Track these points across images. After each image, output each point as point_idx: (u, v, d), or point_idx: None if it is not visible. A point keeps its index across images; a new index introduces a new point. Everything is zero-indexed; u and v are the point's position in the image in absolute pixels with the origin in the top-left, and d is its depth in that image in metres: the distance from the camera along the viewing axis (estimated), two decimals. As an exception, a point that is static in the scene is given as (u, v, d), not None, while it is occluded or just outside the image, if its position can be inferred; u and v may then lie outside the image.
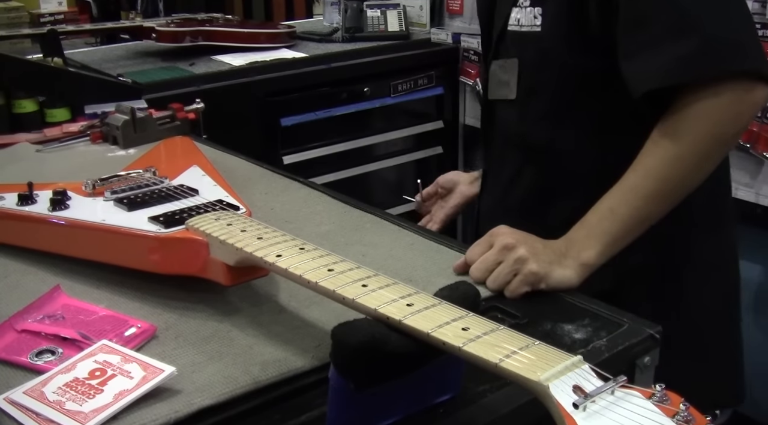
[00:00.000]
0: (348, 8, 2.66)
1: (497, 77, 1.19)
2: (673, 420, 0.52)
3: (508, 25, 1.15)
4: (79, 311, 0.85)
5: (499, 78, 1.19)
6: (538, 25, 1.11)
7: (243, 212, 0.91)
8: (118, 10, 3.06)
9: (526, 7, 1.12)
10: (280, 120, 2.34)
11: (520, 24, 1.13)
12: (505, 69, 1.17)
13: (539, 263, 0.91)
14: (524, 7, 1.12)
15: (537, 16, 1.11)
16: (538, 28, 1.11)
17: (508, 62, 1.17)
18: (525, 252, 0.91)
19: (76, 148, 1.39)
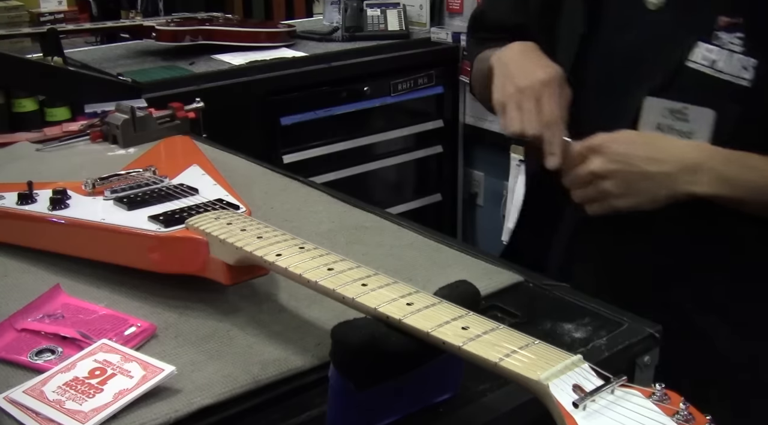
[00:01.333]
0: (348, 7, 2.66)
1: (665, 121, 0.98)
2: (673, 419, 0.52)
3: (690, 61, 0.95)
4: (79, 310, 0.85)
5: (668, 123, 0.97)
6: (748, 79, 0.91)
7: (243, 211, 0.91)
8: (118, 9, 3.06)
9: (728, 50, 0.92)
10: (280, 119, 2.34)
11: (716, 68, 0.93)
12: (685, 117, 0.96)
13: (627, 200, 0.91)
14: (726, 48, 0.92)
15: (748, 68, 0.91)
16: (746, 82, 0.92)
17: (693, 111, 0.96)
18: (613, 188, 0.90)
19: (75, 147, 1.39)
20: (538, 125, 0.99)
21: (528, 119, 0.99)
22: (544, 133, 0.98)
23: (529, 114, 0.99)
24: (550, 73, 1.02)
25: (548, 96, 0.99)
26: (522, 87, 1.00)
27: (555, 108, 0.99)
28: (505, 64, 1.06)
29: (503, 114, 1.02)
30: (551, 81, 1.00)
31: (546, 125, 0.98)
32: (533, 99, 0.99)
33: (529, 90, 1.00)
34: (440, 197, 2.90)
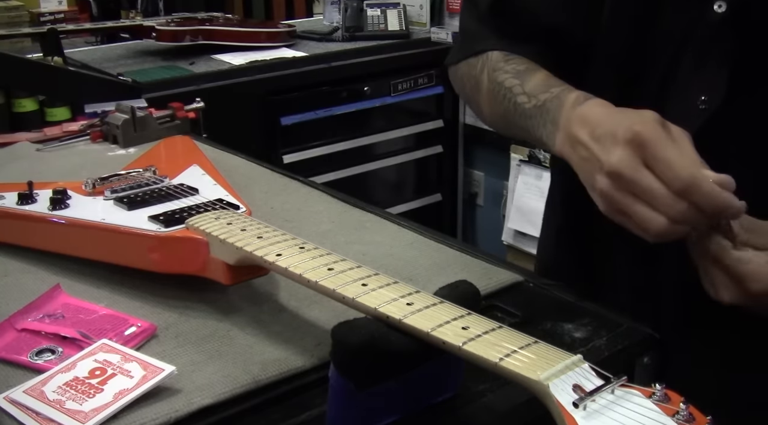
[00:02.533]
0: (348, 7, 2.66)
1: None
2: (673, 419, 0.52)
3: None
4: (79, 310, 0.85)
5: None
6: None
7: (243, 211, 0.91)
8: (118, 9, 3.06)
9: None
10: (280, 119, 2.35)
11: None
12: None
13: None
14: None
15: None
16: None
17: None
18: None
19: (76, 147, 1.39)
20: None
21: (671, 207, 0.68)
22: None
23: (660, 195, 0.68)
24: (647, 114, 0.73)
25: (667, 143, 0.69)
26: (615, 160, 0.70)
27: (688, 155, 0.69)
28: (591, 133, 0.75)
29: (624, 218, 0.72)
30: (655, 119, 0.71)
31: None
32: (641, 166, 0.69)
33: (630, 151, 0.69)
34: (440, 197, 2.90)
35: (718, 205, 0.67)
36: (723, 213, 0.67)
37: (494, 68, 0.95)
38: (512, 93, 0.90)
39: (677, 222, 0.67)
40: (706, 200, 0.66)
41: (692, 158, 0.68)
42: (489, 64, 0.96)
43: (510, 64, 0.93)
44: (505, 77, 0.92)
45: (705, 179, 0.66)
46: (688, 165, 0.67)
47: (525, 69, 0.91)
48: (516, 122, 0.91)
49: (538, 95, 0.87)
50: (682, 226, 0.67)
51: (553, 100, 0.84)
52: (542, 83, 0.88)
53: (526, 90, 0.89)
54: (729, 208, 0.67)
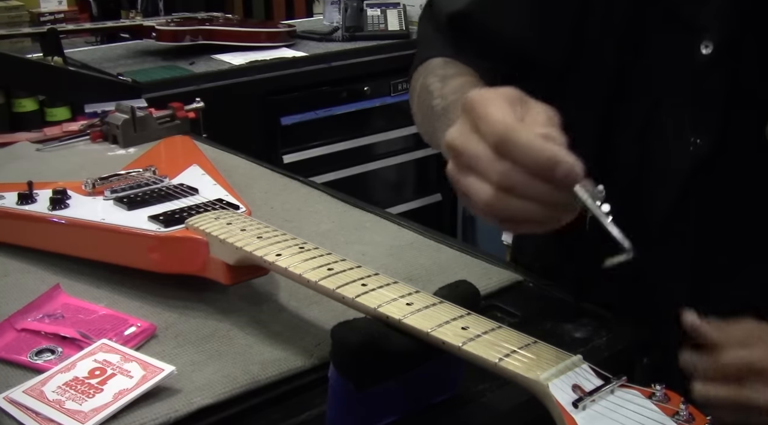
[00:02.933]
0: (348, 7, 2.66)
1: None
2: (673, 419, 0.52)
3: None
4: (79, 310, 0.85)
5: None
6: None
7: (243, 211, 0.91)
8: (118, 9, 3.06)
9: None
10: (280, 119, 2.34)
11: None
12: None
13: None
14: None
15: None
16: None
17: None
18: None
19: (76, 147, 1.39)
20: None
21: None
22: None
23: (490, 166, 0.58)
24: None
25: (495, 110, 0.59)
26: (450, 132, 0.62)
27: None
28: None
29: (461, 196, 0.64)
30: (499, 91, 0.62)
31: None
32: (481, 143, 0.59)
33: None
34: (440, 197, 2.90)
35: (539, 158, 0.54)
36: (552, 173, 0.54)
37: (428, 73, 0.89)
38: (432, 96, 0.84)
39: (504, 189, 0.55)
40: (524, 154, 0.54)
41: (511, 116, 0.57)
42: (426, 70, 0.90)
43: (443, 69, 0.88)
44: (432, 81, 0.86)
45: (521, 131, 0.55)
46: (504, 117, 0.56)
47: (453, 73, 0.85)
48: (430, 126, 0.84)
49: (448, 96, 0.81)
50: (516, 198, 0.55)
51: (457, 102, 0.75)
52: (458, 87, 0.82)
53: (444, 92, 0.83)
54: (556, 164, 0.54)
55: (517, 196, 0.56)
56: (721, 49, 0.75)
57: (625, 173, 0.83)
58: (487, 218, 0.58)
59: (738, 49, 0.75)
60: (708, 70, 0.77)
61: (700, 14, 0.76)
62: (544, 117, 0.59)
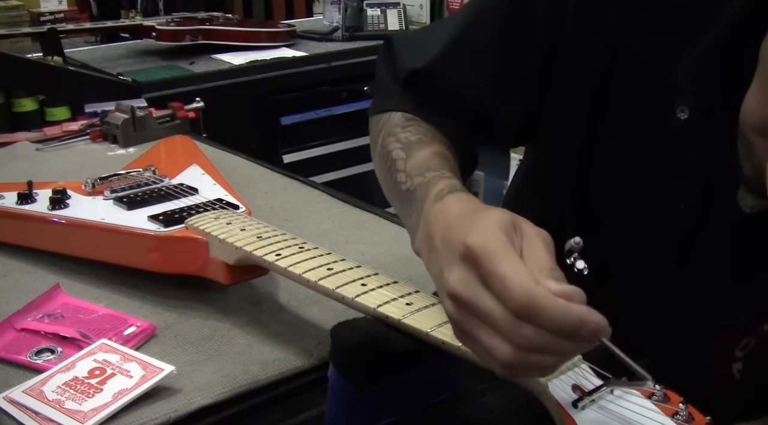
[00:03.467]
0: (348, 7, 2.66)
1: None
2: (672, 419, 0.52)
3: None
4: (79, 310, 0.85)
5: None
6: None
7: (242, 211, 0.91)
8: (118, 8, 3.06)
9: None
10: (280, 119, 2.34)
11: None
12: None
13: None
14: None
15: None
16: None
17: None
18: None
19: (75, 147, 1.39)
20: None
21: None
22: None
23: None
24: (488, 218, 0.59)
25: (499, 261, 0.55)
26: (451, 281, 0.57)
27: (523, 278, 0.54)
28: (440, 243, 0.62)
29: (471, 347, 0.58)
30: (495, 224, 0.58)
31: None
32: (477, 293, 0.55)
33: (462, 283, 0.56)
34: (440, 196, 2.90)
35: (567, 324, 0.52)
36: (579, 333, 0.52)
37: (389, 133, 0.85)
38: (395, 168, 0.80)
39: (526, 350, 0.53)
40: (551, 320, 0.52)
41: (530, 271, 0.54)
42: (387, 126, 0.86)
43: (405, 131, 0.84)
44: (394, 147, 0.82)
45: (544, 295, 0.52)
46: (523, 281, 0.53)
47: (416, 141, 0.81)
48: (395, 202, 0.81)
49: (413, 178, 0.76)
50: (538, 355, 0.53)
51: (422, 188, 0.73)
52: (422, 164, 0.78)
53: (407, 168, 0.78)
54: (583, 325, 0.52)
55: (539, 354, 0.54)
56: (698, 113, 0.71)
57: (612, 230, 0.81)
58: (501, 374, 0.56)
59: (714, 113, 0.71)
60: (685, 135, 0.73)
61: (674, 75, 0.72)
62: (543, 250, 0.57)
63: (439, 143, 0.81)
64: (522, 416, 0.69)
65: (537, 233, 0.58)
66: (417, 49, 0.89)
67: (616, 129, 0.78)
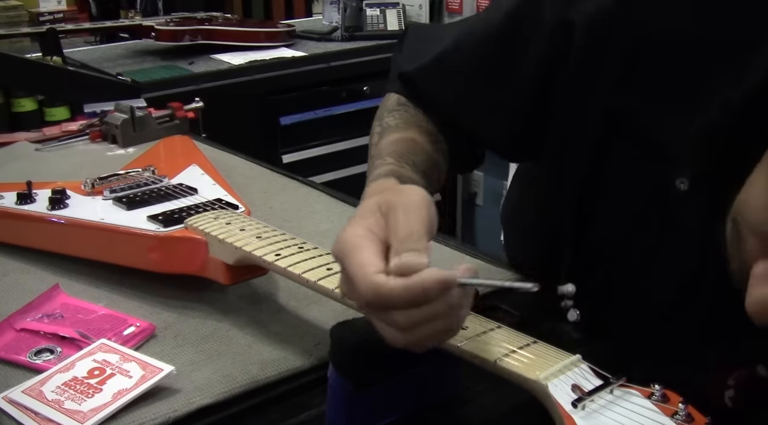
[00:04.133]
0: (347, 7, 2.66)
1: None
2: (672, 419, 0.52)
3: None
4: (78, 310, 0.85)
5: None
6: None
7: (242, 211, 0.91)
8: (118, 8, 3.06)
9: None
10: (280, 119, 2.34)
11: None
12: None
13: None
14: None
15: None
16: None
17: None
18: None
19: (75, 147, 1.39)
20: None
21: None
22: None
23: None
24: (357, 211, 0.63)
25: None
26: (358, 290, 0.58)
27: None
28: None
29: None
30: (358, 217, 0.61)
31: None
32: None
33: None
34: (439, 196, 2.90)
35: (414, 297, 0.54)
36: (431, 295, 0.54)
37: (379, 115, 0.89)
38: (371, 144, 0.84)
39: (409, 329, 0.55)
40: (399, 300, 0.54)
41: (372, 261, 0.56)
42: (381, 107, 0.90)
43: (390, 115, 0.87)
44: (376, 130, 0.86)
45: (381, 284, 0.54)
46: (362, 276, 0.55)
47: (394, 126, 0.84)
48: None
49: (374, 156, 0.80)
50: (425, 325, 0.55)
51: (369, 172, 0.78)
52: (387, 146, 0.81)
53: (373, 152, 0.82)
54: (428, 289, 0.54)
55: (425, 324, 0.56)
56: (697, 185, 0.71)
57: (606, 279, 0.81)
58: (413, 348, 0.59)
59: (713, 185, 0.70)
60: (683, 204, 0.72)
61: (674, 144, 0.71)
62: (402, 220, 0.59)
63: (414, 130, 0.84)
64: (522, 416, 0.69)
65: (399, 203, 0.60)
66: (418, 48, 0.91)
67: (616, 183, 0.78)
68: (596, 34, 0.76)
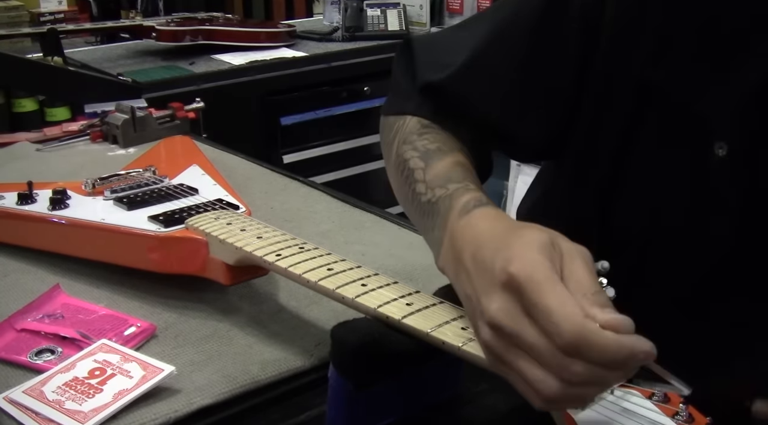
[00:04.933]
0: (348, 7, 2.66)
1: None
2: (672, 419, 0.52)
3: None
4: (79, 310, 0.85)
5: None
6: None
7: (242, 211, 0.91)
8: (118, 9, 3.06)
9: None
10: (280, 119, 2.34)
11: None
12: None
13: None
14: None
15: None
16: None
17: None
18: None
19: (75, 147, 1.39)
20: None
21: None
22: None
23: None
24: (527, 239, 0.57)
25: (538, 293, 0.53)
26: (493, 309, 0.54)
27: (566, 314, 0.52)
28: (470, 263, 0.60)
29: (511, 377, 0.56)
30: (536, 248, 0.56)
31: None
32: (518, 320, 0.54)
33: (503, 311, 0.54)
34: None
35: (618, 358, 0.50)
36: (628, 364, 0.51)
37: (405, 140, 0.81)
38: (413, 178, 0.76)
39: (574, 384, 0.51)
40: (601, 355, 0.50)
41: (575, 301, 0.52)
42: (402, 132, 0.82)
43: (422, 139, 0.80)
44: (412, 156, 0.78)
45: (593, 331, 0.50)
46: (570, 314, 0.51)
47: (435, 149, 0.78)
48: (412, 213, 0.78)
49: (435, 189, 0.73)
50: (584, 388, 0.52)
51: (445, 200, 0.70)
52: (444, 174, 0.74)
53: (427, 178, 0.75)
54: (633, 356, 0.50)
55: (585, 387, 0.52)
56: (737, 149, 0.69)
57: (637, 257, 0.78)
58: (541, 407, 0.55)
59: (752, 152, 0.69)
60: (723, 171, 0.70)
61: (713, 110, 0.70)
62: (584, 270, 0.55)
63: (458, 152, 0.78)
64: (522, 417, 0.69)
65: (577, 251, 0.56)
66: (437, 58, 0.85)
67: (646, 161, 0.76)
68: (628, 7, 0.74)
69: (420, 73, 0.84)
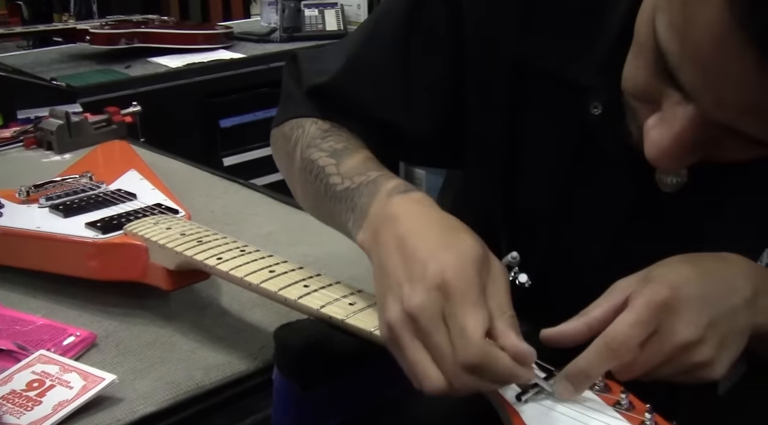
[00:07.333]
0: (285, 8, 2.65)
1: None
2: (614, 408, 0.53)
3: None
4: (15, 321, 0.83)
5: None
6: None
7: (182, 215, 0.90)
8: (50, 12, 3.00)
9: None
10: (219, 121, 2.33)
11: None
12: None
13: (725, 362, 0.60)
14: None
15: None
16: None
17: None
18: (709, 352, 0.59)
19: (8, 154, 1.36)
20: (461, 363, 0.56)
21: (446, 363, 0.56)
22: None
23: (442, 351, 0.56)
24: (465, 250, 0.60)
25: (469, 295, 0.57)
26: (417, 302, 0.57)
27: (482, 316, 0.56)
28: (400, 243, 0.62)
29: (401, 356, 0.59)
30: (471, 261, 0.59)
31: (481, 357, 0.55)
32: (438, 317, 0.57)
33: (430, 301, 0.57)
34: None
35: (507, 380, 0.56)
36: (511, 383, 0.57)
37: (309, 144, 0.82)
38: (325, 173, 0.78)
39: (457, 391, 0.56)
40: (493, 376, 0.55)
41: (486, 321, 0.56)
42: (304, 139, 0.84)
43: (327, 141, 0.82)
44: (320, 156, 0.80)
45: (494, 358, 0.55)
46: (479, 337, 0.55)
47: (342, 148, 0.80)
48: (325, 205, 0.79)
49: (353, 177, 0.75)
50: (466, 391, 0.56)
51: (369, 185, 0.73)
52: (359, 165, 0.77)
53: (341, 171, 0.77)
54: (518, 380, 0.56)
55: (467, 389, 0.57)
56: (610, 106, 0.71)
57: (547, 238, 0.81)
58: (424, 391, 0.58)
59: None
60: (601, 128, 0.73)
61: (582, 75, 0.74)
62: (505, 293, 0.60)
63: (365, 149, 0.81)
64: (467, 413, 0.69)
65: (502, 273, 0.61)
66: (320, 66, 0.88)
67: (535, 138, 0.79)
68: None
69: (305, 80, 0.87)
